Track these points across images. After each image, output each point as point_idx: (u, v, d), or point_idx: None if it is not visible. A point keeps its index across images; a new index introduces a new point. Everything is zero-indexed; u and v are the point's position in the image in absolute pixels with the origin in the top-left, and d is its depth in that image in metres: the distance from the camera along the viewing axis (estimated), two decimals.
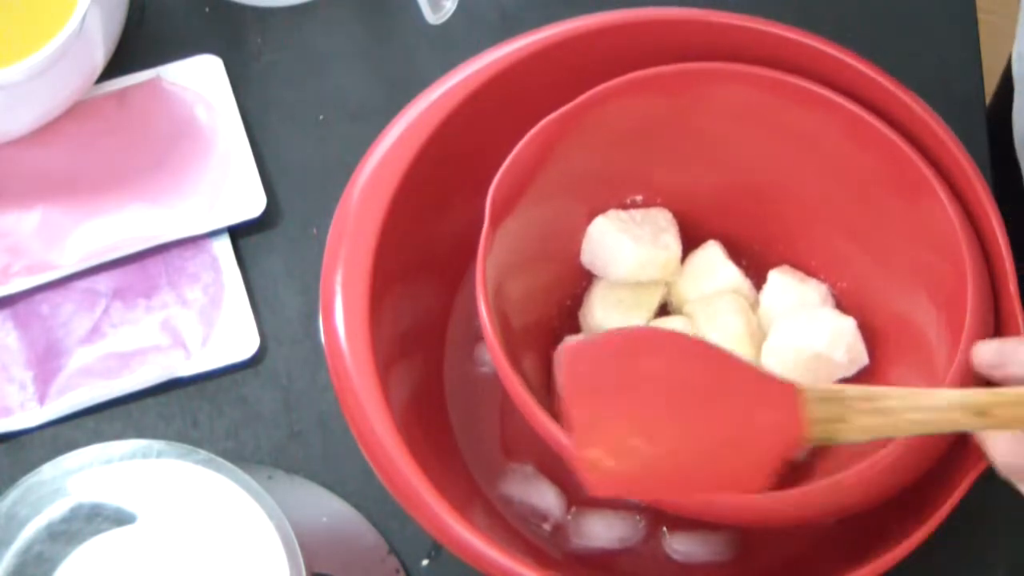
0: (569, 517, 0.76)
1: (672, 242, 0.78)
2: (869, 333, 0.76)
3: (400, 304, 0.74)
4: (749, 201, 0.79)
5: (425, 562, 0.78)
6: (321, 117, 0.87)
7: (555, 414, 0.68)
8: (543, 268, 0.78)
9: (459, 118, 0.75)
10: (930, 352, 0.73)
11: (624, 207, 0.79)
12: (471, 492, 0.76)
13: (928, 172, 0.72)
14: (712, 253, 0.79)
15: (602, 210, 0.78)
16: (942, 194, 0.72)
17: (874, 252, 0.77)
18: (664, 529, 0.76)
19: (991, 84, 0.91)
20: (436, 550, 0.78)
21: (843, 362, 0.75)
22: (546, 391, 0.76)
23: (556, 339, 0.78)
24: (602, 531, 0.76)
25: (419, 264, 0.75)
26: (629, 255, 0.77)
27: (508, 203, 0.72)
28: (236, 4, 0.89)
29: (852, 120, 0.74)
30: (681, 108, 0.76)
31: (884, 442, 0.67)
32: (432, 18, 0.83)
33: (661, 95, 0.75)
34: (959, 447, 0.70)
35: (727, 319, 0.76)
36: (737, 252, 0.79)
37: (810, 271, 0.79)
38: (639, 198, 0.79)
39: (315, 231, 0.84)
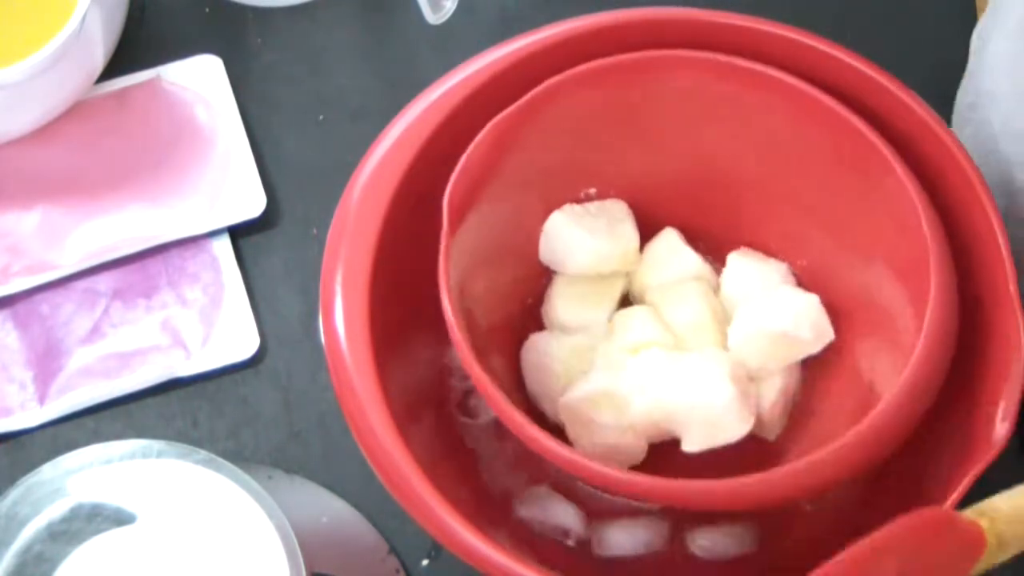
0: (591, 530, 0.76)
1: (629, 232, 0.78)
2: (833, 308, 0.76)
3: (400, 303, 0.74)
4: (704, 186, 0.79)
5: (425, 562, 0.78)
6: (321, 117, 0.87)
7: (527, 413, 0.69)
8: (504, 267, 0.78)
9: (459, 118, 0.75)
10: (894, 323, 0.73)
11: (579, 200, 0.79)
12: (474, 490, 0.76)
13: (881, 145, 0.72)
14: (670, 240, 0.79)
15: (558, 205, 0.78)
16: (897, 166, 0.72)
17: (831, 228, 0.77)
18: (686, 528, 0.76)
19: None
20: (436, 550, 0.78)
21: (809, 339, 0.75)
22: (517, 391, 0.76)
23: (522, 338, 0.78)
24: (625, 540, 0.75)
25: (419, 264, 0.75)
26: (587, 248, 0.77)
27: (465, 204, 0.72)
28: (236, 4, 0.89)
29: (802, 98, 0.73)
30: (630, 98, 0.76)
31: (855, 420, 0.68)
32: (432, 18, 0.83)
33: (609, 87, 0.75)
34: (959, 447, 0.70)
35: (691, 305, 0.76)
36: (694, 238, 0.79)
37: (769, 251, 0.79)
38: (593, 191, 0.79)
39: (315, 231, 0.84)
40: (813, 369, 0.77)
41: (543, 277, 0.79)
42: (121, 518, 0.66)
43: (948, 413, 0.71)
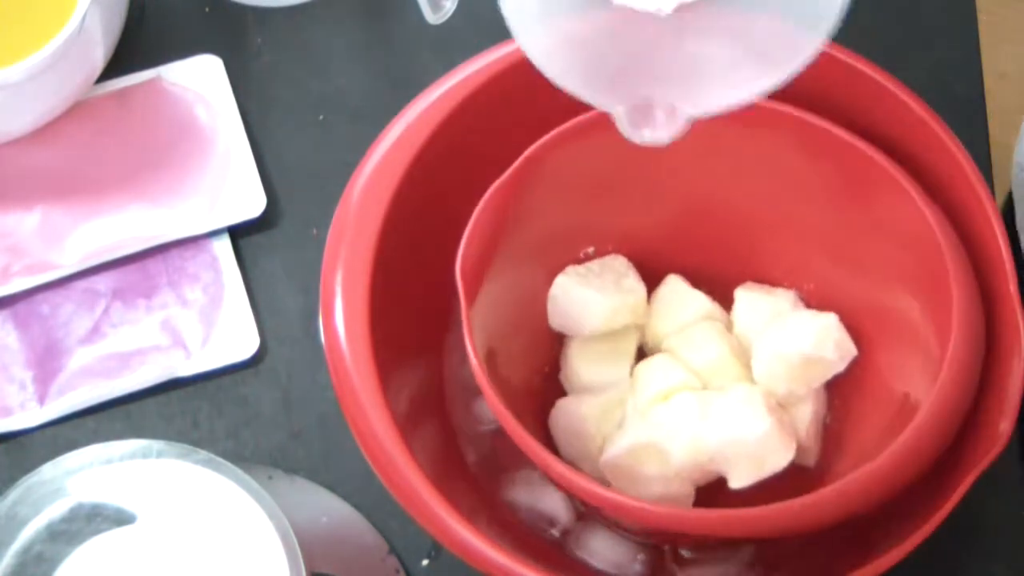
0: (577, 525, 0.76)
1: (635, 285, 0.78)
2: (849, 326, 0.76)
3: (400, 304, 0.74)
4: (701, 228, 0.79)
5: (425, 562, 0.78)
6: (321, 117, 0.87)
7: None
8: (517, 336, 0.77)
9: (459, 118, 0.75)
10: (917, 333, 0.73)
11: (579, 261, 0.79)
12: (472, 490, 0.76)
13: (891, 168, 0.72)
14: (675, 286, 0.78)
15: (559, 269, 0.77)
16: (908, 186, 0.72)
17: (838, 251, 0.77)
18: (675, 567, 0.76)
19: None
20: (436, 550, 0.78)
21: (834, 359, 0.75)
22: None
23: (541, 406, 0.78)
24: (601, 548, 0.75)
25: (419, 264, 0.75)
26: (598, 307, 0.76)
27: (477, 274, 0.72)
28: (236, 4, 0.89)
29: (802, 128, 0.73)
30: (623, 147, 0.75)
31: (887, 443, 0.67)
32: (432, 18, 0.83)
33: (601, 137, 0.74)
34: (960, 446, 0.70)
35: (708, 346, 0.76)
36: (696, 280, 0.79)
37: (774, 281, 0.79)
38: (591, 249, 0.79)
39: (315, 231, 0.84)
40: (841, 389, 0.77)
41: (555, 343, 0.79)
42: (121, 518, 0.66)
43: None
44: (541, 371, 0.79)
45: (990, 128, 0.87)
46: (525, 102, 0.75)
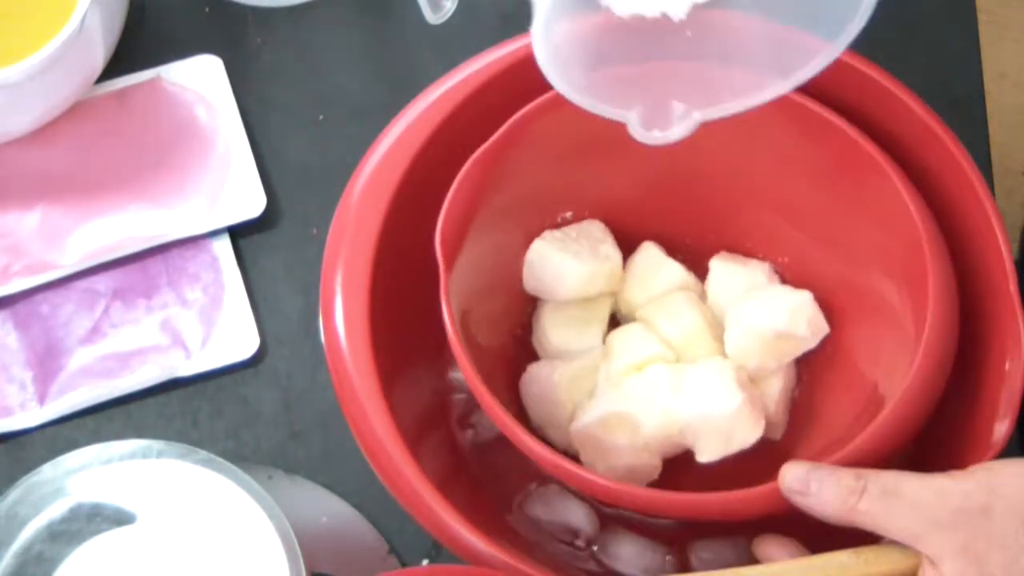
0: (601, 534, 0.76)
1: (612, 252, 0.78)
2: (822, 303, 0.76)
3: (400, 304, 0.74)
4: (677, 197, 0.79)
5: (425, 562, 0.78)
6: (321, 117, 0.87)
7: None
8: (493, 300, 0.77)
9: (459, 118, 0.75)
10: (893, 314, 0.73)
11: (556, 226, 0.79)
12: (472, 490, 0.76)
13: (875, 152, 0.72)
14: (651, 254, 0.79)
15: (537, 233, 0.78)
16: (892, 173, 0.72)
17: (816, 226, 0.77)
18: (688, 545, 0.76)
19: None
20: (436, 550, 0.78)
21: (806, 335, 0.76)
22: (518, 415, 0.76)
23: (515, 369, 0.78)
24: (631, 556, 0.75)
25: (419, 264, 0.75)
26: (574, 273, 0.76)
27: (456, 241, 0.72)
28: (236, 4, 0.89)
29: (788, 107, 0.73)
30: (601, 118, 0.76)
31: (858, 431, 0.68)
32: (432, 18, 0.83)
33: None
34: (959, 446, 0.70)
35: (682, 316, 0.76)
36: (671, 249, 0.79)
37: (748, 252, 0.79)
38: (569, 214, 0.79)
39: (315, 231, 0.84)
40: (811, 365, 0.78)
41: (528, 306, 0.79)
42: (121, 518, 0.66)
43: (948, 413, 0.71)
44: (514, 333, 0.79)
45: (990, 128, 0.87)
46: (525, 102, 0.75)
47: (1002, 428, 0.69)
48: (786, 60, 0.67)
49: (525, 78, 0.75)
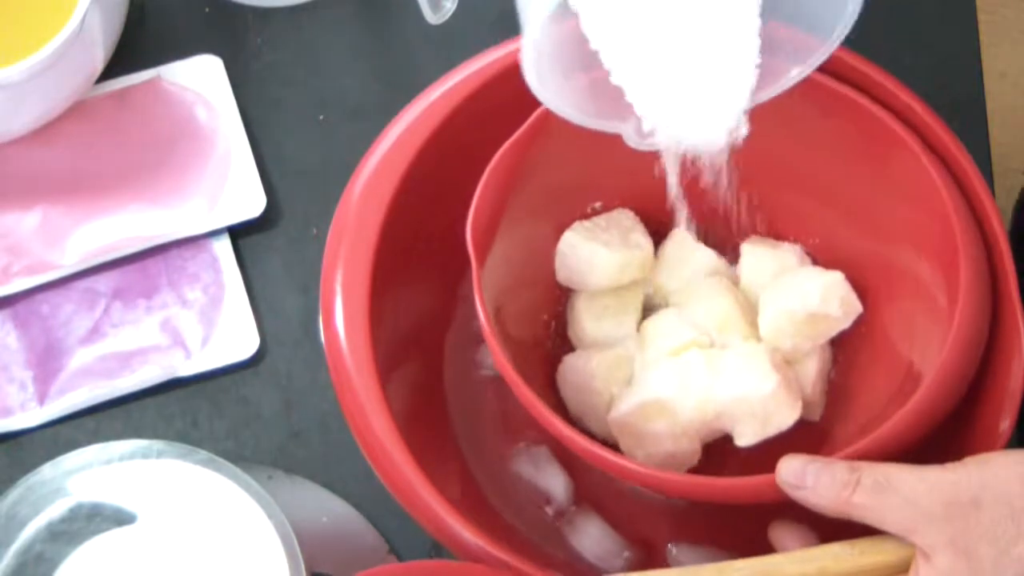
0: (572, 508, 0.76)
1: (642, 240, 0.78)
2: (854, 283, 0.76)
3: (400, 304, 0.74)
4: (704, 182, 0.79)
5: None
6: (321, 117, 0.87)
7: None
8: (525, 292, 0.77)
9: (459, 118, 0.75)
10: (925, 291, 0.73)
11: (586, 216, 0.79)
12: (471, 491, 0.76)
13: (899, 128, 0.72)
14: (682, 240, 0.79)
15: (567, 224, 0.78)
16: (916, 147, 0.72)
17: (847, 208, 0.77)
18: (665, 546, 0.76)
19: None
20: (436, 550, 0.78)
21: (839, 315, 0.76)
22: (555, 407, 0.76)
23: (551, 360, 0.78)
24: (590, 538, 0.76)
25: (419, 264, 0.76)
26: (605, 262, 0.76)
27: (487, 236, 0.72)
28: (236, 4, 0.89)
29: (815, 88, 0.73)
30: None
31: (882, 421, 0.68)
32: (432, 18, 0.83)
33: None
34: (961, 445, 0.70)
35: (715, 301, 0.76)
36: (702, 234, 0.79)
37: (778, 235, 0.79)
38: (599, 204, 0.79)
39: (315, 231, 0.84)
40: (847, 346, 0.78)
41: (561, 299, 0.79)
42: (121, 518, 0.66)
43: (950, 413, 0.71)
44: (548, 326, 0.79)
45: (990, 128, 0.87)
46: (525, 102, 0.75)
47: (1004, 427, 0.69)
48: (780, 64, 0.67)
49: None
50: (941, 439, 0.72)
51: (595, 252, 0.76)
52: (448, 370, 0.78)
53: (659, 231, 0.79)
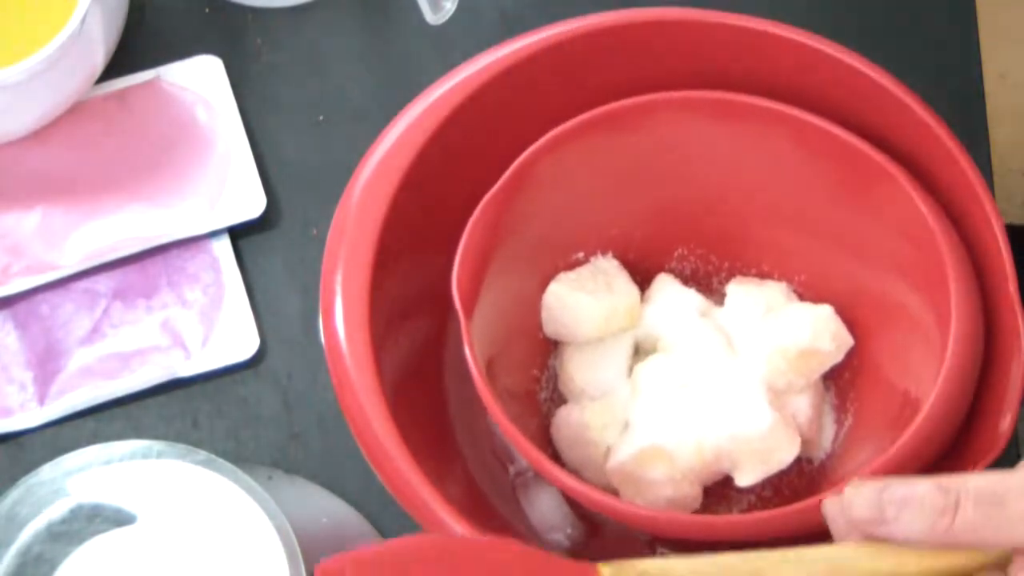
0: (530, 472, 0.76)
1: (627, 286, 0.78)
2: (843, 315, 0.76)
3: (400, 305, 0.74)
4: (691, 225, 0.79)
5: None
6: (321, 117, 0.87)
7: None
8: (514, 345, 0.77)
9: (459, 118, 0.75)
10: (916, 323, 0.73)
11: (570, 267, 0.78)
12: (471, 491, 0.76)
13: (884, 161, 0.72)
14: (666, 284, 0.78)
15: (551, 276, 0.77)
16: (902, 179, 0.72)
17: (834, 243, 0.77)
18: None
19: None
20: None
21: (831, 350, 0.75)
22: (553, 458, 0.76)
23: (544, 411, 0.78)
24: (543, 504, 0.75)
25: (419, 264, 0.75)
26: (594, 312, 0.76)
27: (473, 289, 0.72)
28: (236, 4, 0.89)
29: (799, 126, 0.73)
30: (609, 152, 0.75)
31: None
32: (432, 18, 0.83)
33: (598, 136, 0.74)
34: (961, 447, 0.70)
35: (705, 343, 0.76)
36: (686, 277, 0.79)
37: (763, 275, 0.79)
38: (581, 254, 0.79)
39: (315, 231, 0.84)
40: (842, 380, 0.77)
41: (548, 351, 0.79)
42: (121, 518, 0.66)
43: None
44: (539, 379, 0.79)
45: (990, 128, 0.87)
46: (525, 102, 0.75)
47: (1004, 428, 0.69)
48: None
49: (525, 78, 0.75)
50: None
51: (581, 301, 0.76)
52: (448, 370, 0.78)
53: (643, 277, 0.79)
